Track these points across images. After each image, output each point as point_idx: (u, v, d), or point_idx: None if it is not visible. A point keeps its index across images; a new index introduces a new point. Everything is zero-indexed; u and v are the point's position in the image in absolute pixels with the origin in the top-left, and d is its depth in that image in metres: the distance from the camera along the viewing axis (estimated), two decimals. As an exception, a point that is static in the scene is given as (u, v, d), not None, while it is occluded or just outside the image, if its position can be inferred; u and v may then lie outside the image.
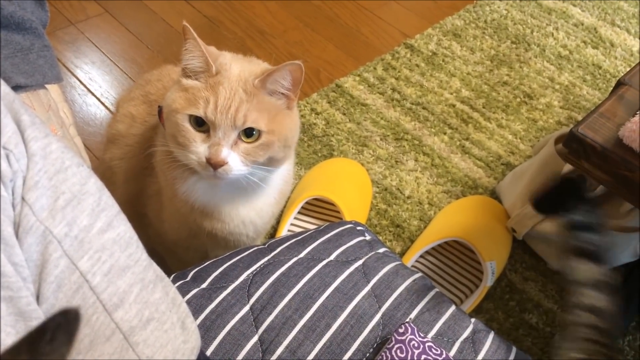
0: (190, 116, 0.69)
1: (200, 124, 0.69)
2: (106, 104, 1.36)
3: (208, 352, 0.58)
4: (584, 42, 1.55)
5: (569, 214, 0.59)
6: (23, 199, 0.37)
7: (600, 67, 1.49)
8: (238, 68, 0.71)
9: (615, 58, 1.52)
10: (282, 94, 0.72)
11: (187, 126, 0.69)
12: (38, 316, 0.35)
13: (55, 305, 0.37)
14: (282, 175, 0.84)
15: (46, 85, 0.68)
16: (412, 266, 1.06)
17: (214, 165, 0.69)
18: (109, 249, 0.40)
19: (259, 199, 0.82)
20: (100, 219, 0.40)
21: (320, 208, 1.13)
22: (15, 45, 0.62)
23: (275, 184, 0.83)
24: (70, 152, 0.40)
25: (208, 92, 0.68)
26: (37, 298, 0.37)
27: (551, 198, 0.63)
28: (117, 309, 0.39)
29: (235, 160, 0.70)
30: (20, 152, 0.37)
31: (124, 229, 0.42)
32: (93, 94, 1.38)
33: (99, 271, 0.39)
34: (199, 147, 0.70)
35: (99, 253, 0.39)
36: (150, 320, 0.41)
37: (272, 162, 0.75)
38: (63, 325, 0.25)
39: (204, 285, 0.64)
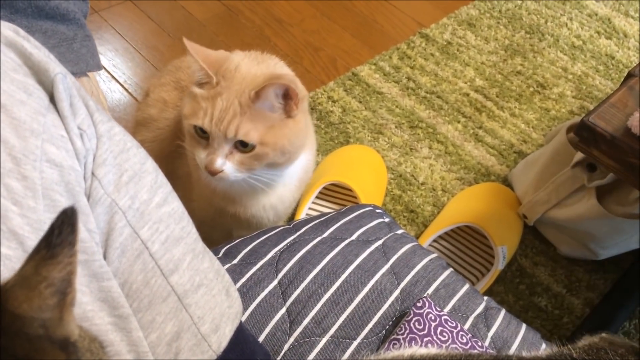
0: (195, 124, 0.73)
1: (203, 131, 0.73)
2: (130, 91, 1.40)
3: (240, 322, 0.62)
4: (598, 32, 1.57)
5: None
6: (93, 174, 0.42)
7: (613, 58, 1.51)
8: (242, 75, 0.73)
9: (629, 49, 1.54)
10: (279, 105, 0.74)
11: (193, 132, 0.74)
12: (109, 277, 0.40)
13: (119, 269, 0.42)
14: (302, 165, 0.87)
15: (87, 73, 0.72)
16: (426, 249, 1.10)
17: (210, 172, 0.73)
18: (165, 221, 0.45)
19: (278, 188, 0.86)
20: (157, 195, 0.45)
21: (337, 193, 1.17)
22: (60, 35, 0.66)
23: (294, 173, 0.86)
24: (129, 135, 0.45)
25: (208, 102, 0.71)
26: None
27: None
28: (172, 274, 0.44)
29: (230, 169, 0.74)
30: (91, 133, 0.42)
31: (177, 204, 0.47)
32: (117, 81, 1.42)
33: (157, 240, 0.44)
34: (201, 154, 0.75)
35: (157, 224, 0.44)
36: (201, 286, 0.46)
37: (273, 166, 0.78)
38: (65, 220, 0.30)
39: (235, 261, 0.69)
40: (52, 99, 0.41)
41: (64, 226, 0.30)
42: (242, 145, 0.73)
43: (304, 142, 0.80)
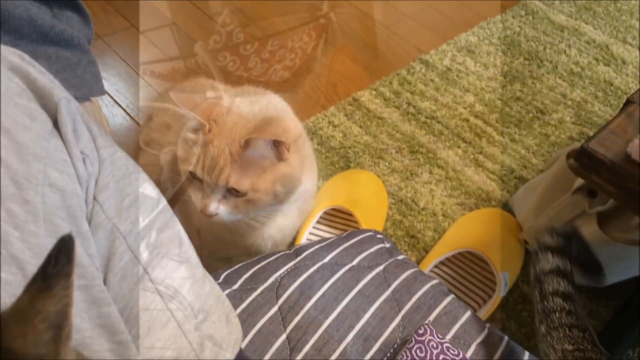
0: None
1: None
2: (132, 115, 1.41)
3: (239, 349, 0.62)
4: (596, 59, 1.59)
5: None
6: (95, 198, 0.42)
7: (611, 84, 1.52)
8: (233, 120, 0.73)
9: (627, 75, 1.55)
10: (269, 151, 0.74)
11: (188, 175, 0.75)
12: (109, 303, 0.40)
13: (119, 294, 0.42)
14: (302, 194, 0.87)
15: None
16: (427, 275, 1.09)
17: (205, 216, 0.74)
18: (165, 246, 0.45)
19: (277, 218, 0.85)
20: (158, 219, 0.45)
21: (337, 218, 1.17)
22: (64, 60, 0.67)
23: (294, 202, 0.86)
24: (131, 160, 0.45)
25: (200, 149, 0.72)
26: None
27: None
28: (172, 299, 0.44)
29: (224, 212, 0.75)
30: (94, 158, 0.42)
31: (178, 229, 0.47)
32: (120, 105, 1.43)
33: (157, 265, 0.44)
34: (197, 195, 0.75)
35: (158, 249, 0.44)
36: (200, 311, 0.45)
37: (270, 205, 0.78)
38: (62, 249, 0.30)
39: (235, 287, 0.68)
40: (56, 124, 0.42)
41: (61, 255, 0.29)
42: (235, 191, 0.73)
43: (298, 182, 0.80)
